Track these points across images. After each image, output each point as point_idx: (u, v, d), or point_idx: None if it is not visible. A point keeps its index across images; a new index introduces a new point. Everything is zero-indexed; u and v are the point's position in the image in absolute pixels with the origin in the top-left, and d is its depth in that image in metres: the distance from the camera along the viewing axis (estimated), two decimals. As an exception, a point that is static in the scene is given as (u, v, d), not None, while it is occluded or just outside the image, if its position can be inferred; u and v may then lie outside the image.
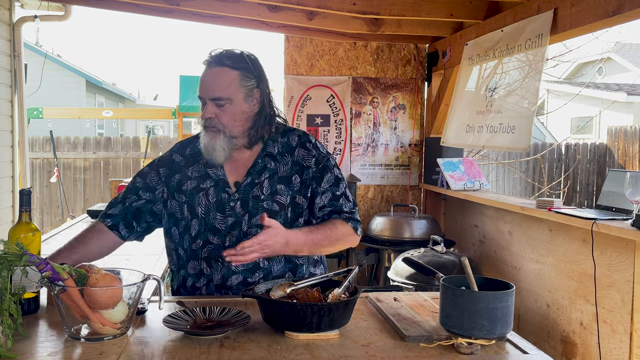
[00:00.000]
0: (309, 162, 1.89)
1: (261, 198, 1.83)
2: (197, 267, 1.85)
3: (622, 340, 2.67)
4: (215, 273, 1.83)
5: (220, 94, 1.78)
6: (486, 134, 3.66)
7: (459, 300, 1.46)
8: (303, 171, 1.87)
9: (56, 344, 1.41)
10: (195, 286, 1.86)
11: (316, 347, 1.40)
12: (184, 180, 1.89)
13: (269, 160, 1.87)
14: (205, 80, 1.80)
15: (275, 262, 1.84)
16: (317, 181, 1.88)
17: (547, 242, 3.28)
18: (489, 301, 1.44)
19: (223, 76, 1.78)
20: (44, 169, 8.78)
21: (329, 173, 1.90)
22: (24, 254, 1.42)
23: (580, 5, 2.88)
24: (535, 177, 8.84)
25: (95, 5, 4.37)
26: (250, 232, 1.80)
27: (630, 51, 15.53)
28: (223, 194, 1.84)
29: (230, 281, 1.82)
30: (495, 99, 3.62)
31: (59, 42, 67.52)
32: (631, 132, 9.30)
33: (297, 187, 1.86)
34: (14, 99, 4.93)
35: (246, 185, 1.84)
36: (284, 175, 1.86)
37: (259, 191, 1.83)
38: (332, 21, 4.23)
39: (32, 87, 5.90)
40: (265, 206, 1.82)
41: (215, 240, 1.83)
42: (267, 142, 1.89)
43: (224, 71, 1.79)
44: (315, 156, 1.90)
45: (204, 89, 1.80)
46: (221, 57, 1.80)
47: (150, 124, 10.55)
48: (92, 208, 3.89)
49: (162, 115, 9.45)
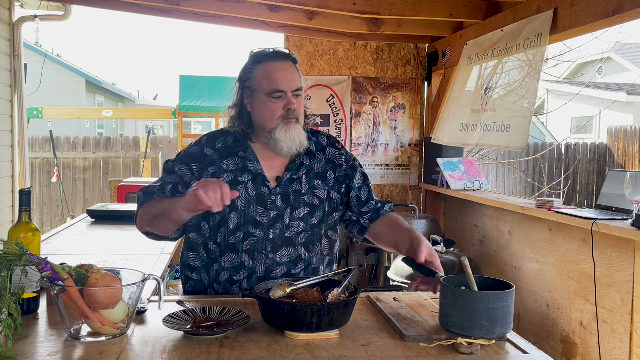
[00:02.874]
0: (340, 161, 1.99)
1: (302, 192, 1.89)
2: (235, 261, 1.86)
3: (622, 340, 2.67)
4: (259, 265, 1.85)
5: (299, 85, 1.88)
6: (480, 132, 3.66)
7: (459, 300, 1.46)
8: (336, 169, 1.98)
9: (56, 344, 1.41)
10: (232, 280, 1.86)
11: (316, 347, 1.40)
12: (219, 173, 1.88)
13: (305, 157, 1.94)
14: (283, 73, 1.86)
15: (314, 255, 1.91)
16: (350, 178, 2.00)
17: (547, 242, 3.28)
18: (488, 301, 1.44)
19: (294, 69, 1.89)
20: (43, 169, 8.78)
21: (358, 171, 2.03)
22: (23, 254, 1.42)
23: (580, 5, 2.88)
24: (535, 177, 8.84)
25: (95, 5, 4.37)
26: (292, 225, 1.87)
27: (630, 51, 15.53)
28: (263, 188, 1.87)
29: (275, 272, 1.84)
30: (492, 98, 3.62)
31: (59, 42, 67.69)
32: (631, 132, 9.30)
33: (331, 182, 1.96)
34: (14, 99, 4.93)
35: (287, 180, 1.90)
36: (320, 171, 1.95)
37: (299, 186, 1.90)
38: (332, 21, 4.24)
39: (32, 87, 5.90)
40: (306, 200, 1.89)
41: (258, 233, 1.85)
42: None
43: (292, 65, 1.90)
44: (344, 155, 2.02)
45: (285, 82, 1.85)
46: (284, 54, 1.92)
47: (150, 124, 10.55)
48: (92, 208, 3.88)
49: (162, 115, 9.46)
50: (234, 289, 1.87)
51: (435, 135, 4.27)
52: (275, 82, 1.84)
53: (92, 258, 2.65)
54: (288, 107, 1.84)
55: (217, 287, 1.90)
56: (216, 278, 1.89)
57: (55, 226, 7.66)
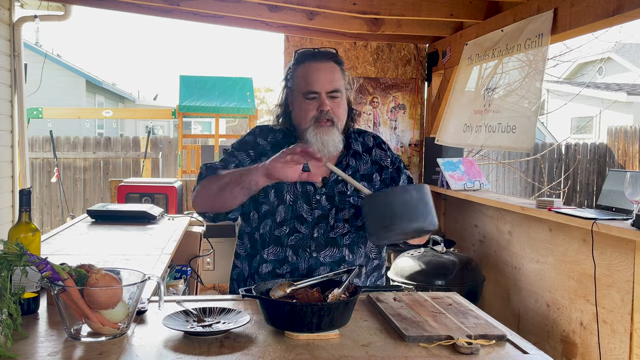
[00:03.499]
0: (386, 162, 1.98)
1: (347, 194, 1.89)
2: (279, 254, 1.87)
3: (622, 340, 2.67)
4: (302, 262, 1.85)
5: (337, 86, 1.85)
6: (485, 133, 3.66)
7: (368, 209, 1.53)
8: (382, 170, 1.97)
9: (56, 344, 1.41)
10: (275, 272, 1.86)
11: (316, 347, 1.40)
12: None
13: (351, 158, 1.94)
14: (318, 73, 1.84)
15: (358, 257, 1.91)
16: (395, 181, 1.98)
17: (547, 242, 3.28)
18: (393, 198, 1.49)
19: (334, 69, 1.87)
20: (43, 169, 8.77)
21: (403, 174, 2.01)
22: (23, 254, 1.41)
23: (580, 5, 2.88)
24: (535, 177, 8.85)
25: (95, 5, 4.37)
26: (337, 226, 1.87)
27: (630, 51, 15.54)
28: (309, 187, 1.88)
29: (318, 272, 1.84)
30: (494, 99, 3.62)
31: (59, 42, 67.69)
32: (631, 132, 9.30)
33: (377, 184, 1.95)
34: (14, 99, 4.93)
35: (332, 181, 1.90)
36: (365, 173, 1.94)
37: (344, 187, 1.90)
38: (332, 21, 4.24)
39: (32, 87, 5.90)
40: (351, 201, 1.89)
41: (303, 230, 1.86)
42: (350, 140, 1.96)
43: (333, 65, 1.87)
44: (390, 157, 2.00)
45: (319, 83, 1.83)
46: (327, 53, 1.89)
47: (150, 124, 10.53)
48: (92, 208, 3.88)
49: (162, 115, 9.45)
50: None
51: (439, 137, 4.26)
52: (310, 83, 1.83)
53: (92, 258, 2.65)
54: (321, 109, 1.82)
55: (258, 278, 1.90)
56: (257, 269, 1.90)
57: (55, 226, 7.66)
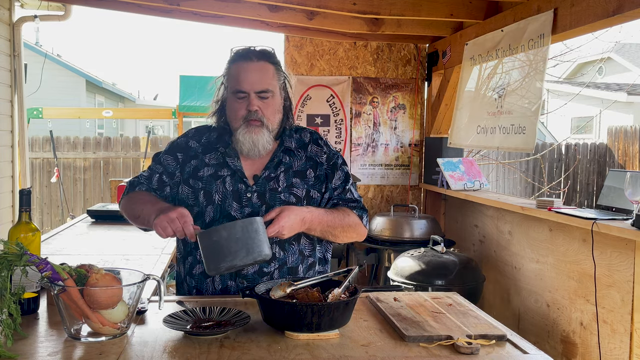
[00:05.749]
0: (321, 159, 1.96)
1: (278, 190, 1.88)
2: None
3: (622, 340, 2.67)
4: None
5: (266, 86, 1.84)
6: (500, 135, 3.62)
7: (200, 245, 1.61)
8: (317, 167, 1.95)
9: (56, 344, 1.41)
10: (204, 273, 1.85)
11: (316, 347, 1.40)
12: (200, 166, 1.90)
13: (284, 155, 1.93)
14: (248, 73, 1.83)
15: (290, 254, 1.88)
16: (329, 178, 1.95)
17: (547, 242, 3.28)
18: (219, 235, 1.58)
19: (265, 69, 1.85)
20: (44, 169, 8.78)
21: (339, 170, 1.98)
22: (23, 253, 1.42)
23: (580, 5, 2.88)
24: (535, 177, 8.84)
25: (95, 5, 4.37)
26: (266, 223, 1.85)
27: (630, 51, 15.53)
28: (240, 184, 1.87)
29: (246, 270, 1.83)
30: (506, 101, 3.60)
31: (59, 42, 67.69)
32: (631, 132, 9.29)
33: (311, 181, 1.93)
34: (14, 98, 4.93)
35: (264, 178, 1.89)
36: (299, 169, 1.92)
37: (275, 184, 1.88)
38: (332, 21, 4.23)
39: (32, 87, 5.90)
40: (282, 198, 1.87)
41: None
42: (284, 137, 1.94)
43: (265, 65, 1.85)
44: (326, 153, 1.97)
45: (248, 82, 1.82)
46: (259, 52, 1.87)
47: (150, 123, 10.54)
48: (92, 208, 3.89)
49: (162, 115, 9.45)
50: (207, 283, 1.86)
51: (452, 139, 4.21)
52: (239, 82, 1.83)
53: (92, 258, 2.66)
54: (249, 109, 1.83)
55: (190, 280, 1.90)
56: (190, 270, 1.90)
57: (55, 226, 7.66)
